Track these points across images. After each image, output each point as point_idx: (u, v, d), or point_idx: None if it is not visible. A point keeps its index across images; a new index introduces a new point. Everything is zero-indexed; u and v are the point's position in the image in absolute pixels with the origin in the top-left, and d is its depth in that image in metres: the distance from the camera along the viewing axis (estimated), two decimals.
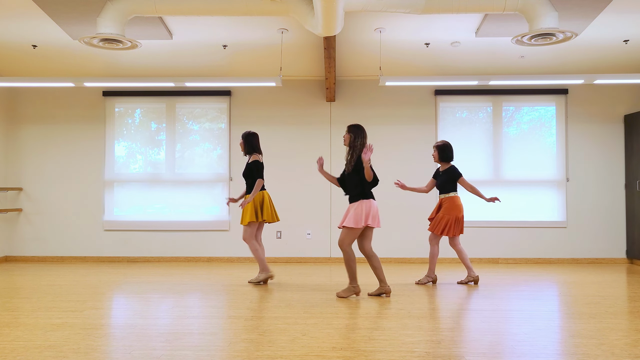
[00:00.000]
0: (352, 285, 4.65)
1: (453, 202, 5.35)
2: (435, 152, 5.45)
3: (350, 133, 4.65)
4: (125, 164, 7.37)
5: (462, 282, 5.43)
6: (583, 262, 7.11)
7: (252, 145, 5.42)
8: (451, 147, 5.44)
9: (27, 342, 3.25)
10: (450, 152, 5.41)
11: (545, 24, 4.48)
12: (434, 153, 5.47)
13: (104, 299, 4.65)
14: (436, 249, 5.38)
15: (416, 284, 5.38)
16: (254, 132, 5.48)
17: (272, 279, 5.46)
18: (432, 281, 5.41)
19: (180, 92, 7.24)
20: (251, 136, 5.44)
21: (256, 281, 5.38)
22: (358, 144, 4.60)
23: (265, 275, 5.36)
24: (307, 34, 5.81)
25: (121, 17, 4.60)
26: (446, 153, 5.40)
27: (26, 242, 7.31)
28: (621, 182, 7.16)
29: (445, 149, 5.40)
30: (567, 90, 7.17)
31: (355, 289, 4.65)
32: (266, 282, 5.41)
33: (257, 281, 5.38)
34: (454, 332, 3.53)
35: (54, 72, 6.98)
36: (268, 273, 5.37)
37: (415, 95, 7.23)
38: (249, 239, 5.33)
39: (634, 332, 3.54)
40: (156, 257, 7.22)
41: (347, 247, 4.55)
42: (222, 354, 3.03)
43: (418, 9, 4.51)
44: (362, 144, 4.60)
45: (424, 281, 5.39)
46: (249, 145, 5.41)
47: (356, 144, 4.60)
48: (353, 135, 4.63)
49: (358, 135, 4.62)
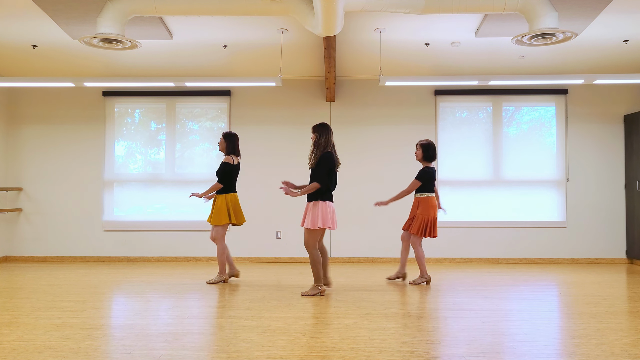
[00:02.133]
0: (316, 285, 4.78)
1: (427, 202, 5.35)
2: (419, 150, 5.44)
3: (316, 132, 4.80)
4: (125, 164, 7.37)
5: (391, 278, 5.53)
6: (583, 262, 7.11)
7: (233, 145, 5.48)
8: (434, 147, 5.44)
9: (27, 342, 3.25)
10: (433, 152, 5.42)
11: (545, 24, 4.48)
12: (417, 151, 5.46)
13: (104, 299, 4.65)
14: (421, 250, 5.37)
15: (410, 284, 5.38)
16: (234, 133, 5.55)
17: (226, 281, 5.50)
18: (426, 281, 5.40)
19: (180, 92, 7.24)
20: (233, 136, 5.51)
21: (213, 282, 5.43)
22: (323, 141, 4.75)
23: (222, 277, 5.45)
24: (307, 34, 5.81)
25: (121, 17, 4.60)
26: (430, 152, 5.41)
27: (26, 242, 7.31)
28: (621, 182, 7.17)
29: (429, 147, 5.41)
30: (567, 90, 7.18)
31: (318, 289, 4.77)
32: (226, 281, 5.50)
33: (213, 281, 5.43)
34: (454, 332, 3.53)
35: (54, 72, 6.98)
36: (224, 276, 5.46)
37: (415, 95, 7.23)
38: (220, 240, 5.41)
39: (634, 332, 3.54)
40: (156, 257, 7.22)
41: (311, 248, 4.70)
42: (222, 354, 3.03)
43: (418, 9, 4.51)
44: (326, 140, 4.75)
45: (418, 281, 5.39)
46: (231, 145, 5.47)
47: (321, 142, 4.76)
48: (318, 134, 4.79)
49: (323, 134, 4.78)
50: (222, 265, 5.46)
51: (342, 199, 7.07)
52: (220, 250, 5.42)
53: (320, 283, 4.78)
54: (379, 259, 7.10)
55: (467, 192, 7.21)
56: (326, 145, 4.73)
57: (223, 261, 5.45)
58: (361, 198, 7.12)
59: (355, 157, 7.18)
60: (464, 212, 7.18)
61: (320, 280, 4.77)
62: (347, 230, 7.12)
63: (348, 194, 7.11)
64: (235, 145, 5.50)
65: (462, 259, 7.12)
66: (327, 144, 4.74)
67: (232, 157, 5.46)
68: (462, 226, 7.13)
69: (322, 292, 4.77)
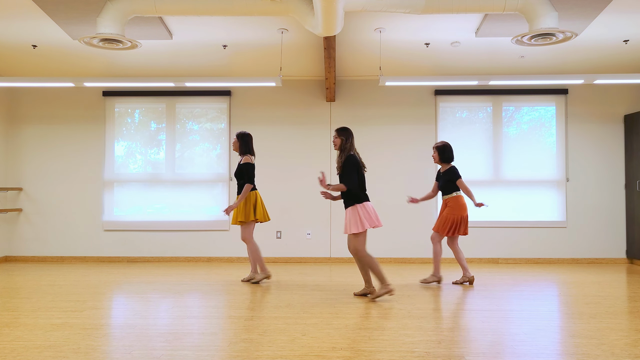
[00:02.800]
0: (383, 285, 4.54)
1: (457, 202, 5.34)
2: (435, 153, 5.46)
3: (341, 136, 4.64)
4: (125, 164, 7.37)
5: (457, 282, 5.43)
6: (583, 262, 7.11)
7: (248, 145, 5.45)
8: (451, 148, 5.44)
9: (27, 342, 3.25)
10: (450, 153, 5.41)
11: (545, 24, 4.48)
12: (433, 154, 5.47)
13: (104, 299, 4.65)
14: (439, 247, 5.38)
15: (421, 283, 5.39)
16: (248, 133, 5.51)
17: (269, 278, 5.48)
18: (437, 281, 5.39)
19: (180, 92, 7.24)
20: (247, 136, 5.47)
21: (255, 280, 5.40)
22: (348, 145, 4.61)
23: (264, 275, 5.40)
24: (307, 34, 5.81)
25: (121, 17, 4.60)
26: (446, 154, 5.40)
27: (26, 242, 7.31)
28: (621, 182, 7.17)
29: (445, 149, 5.41)
30: (567, 90, 7.18)
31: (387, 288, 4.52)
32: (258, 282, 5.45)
33: (256, 280, 5.40)
34: (454, 332, 3.53)
35: (54, 72, 6.98)
36: (267, 273, 5.41)
37: (415, 95, 7.23)
38: (249, 239, 5.35)
39: (634, 332, 3.54)
40: (156, 257, 7.22)
41: (362, 252, 4.51)
42: (222, 354, 3.03)
43: (418, 9, 4.51)
44: (351, 144, 4.62)
45: (430, 280, 5.38)
46: (245, 145, 5.44)
47: (346, 146, 4.61)
48: (344, 138, 4.63)
49: (348, 138, 4.64)
50: (261, 262, 5.38)
51: None
52: (254, 248, 5.36)
53: (387, 282, 4.52)
54: (380, 260, 7.10)
55: None
56: (350, 149, 4.61)
57: (259, 257, 5.38)
58: None
59: None
60: None
61: (385, 279, 4.51)
62: None
63: None
64: (249, 145, 5.46)
65: None
66: (351, 147, 4.62)
67: (250, 156, 5.42)
68: None
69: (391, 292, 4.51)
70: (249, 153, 5.44)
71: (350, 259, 7.11)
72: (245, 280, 5.50)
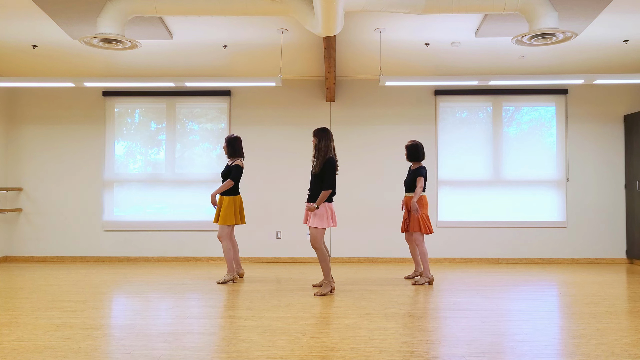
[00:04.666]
0: (326, 280, 4.85)
1: (421, 200, 5.40)
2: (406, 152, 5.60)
3: (316, 137, 4.86)
4: (125, 164, 7.37)
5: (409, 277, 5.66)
6: (583, 262, 7.11)
7: (235, 149, 5.55)
8: (420, 147, 5.53)
9: (27, 342, 3.25)
10: (417, 152, 5.52)
11: (545, 24, 4.48)
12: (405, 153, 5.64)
13: (104, 299, 4.65)
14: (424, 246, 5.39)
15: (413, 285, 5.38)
16: (237, 136, 5.60)
17: (235, 281, 5.53)
18: (428, 282, 5.40)
19: (180, 92, 7.24)
20: (234, 140, 5.56)
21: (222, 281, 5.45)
22: (322, 146, 4.79)
23: (231, 276, 5.48)
24: (307, 34, 5.81)
25: (121, 17, 4.60)
26: (413, 153, 5.52)
27: (26, 242, 7.31)
28: (621, 182, 7.16)
29: (412, 148, 5.53)
30: (567, 90, 7.18)
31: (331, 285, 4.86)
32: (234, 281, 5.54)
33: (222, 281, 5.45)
34: (454, 332, 3.53)
35: (54, 72, 6.98)
36: (233, 274, 5.51)
37: (415, 95, 7.23)
38: (225, 238, 5.45)
39: (634, 332, 3.54)
40: (156, 257, 7.22)
41: (319, 244, 4.77)
42: (222, 354, 3.03)
43: (418, 9, 4.51)
44: (326, 145, 4.78)
45: (421, 282, 5.38)
46: (232, 148, 5.54)
47: (321, 147, 4.80)
48: (318, 138, 4.84)
49: (323, 138, 4.82)
50: (230, 263, 5.49)
51: (342, 199, 7.08)
52: (226, 249, 5.46)
53: (331, 279, 4.86)
54: (379, 259, 7.10)
55: (467, 192, 7.21)
56: (327, 150, 4.78)
57: (230, 259, 5.48)
58: (361, 198, 7.12)
59: (355, 157, 7.18)
60: (464, 212, 7.18)
61: (330, 275, 4.86)
62: (347, 230, 7.13)
63: (348, 194, 7.12)
64: (236, 148, 5.55)
65: (462, 259, 7.12)
66: (327, 148, 4.78)
67: (241, 160, 5.56)
68: (462, 226, 7.13)
69: (332, 289, 4.86)
70: (238, 156, 5.55)
71: (350, 259, 7.11)
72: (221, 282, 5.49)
